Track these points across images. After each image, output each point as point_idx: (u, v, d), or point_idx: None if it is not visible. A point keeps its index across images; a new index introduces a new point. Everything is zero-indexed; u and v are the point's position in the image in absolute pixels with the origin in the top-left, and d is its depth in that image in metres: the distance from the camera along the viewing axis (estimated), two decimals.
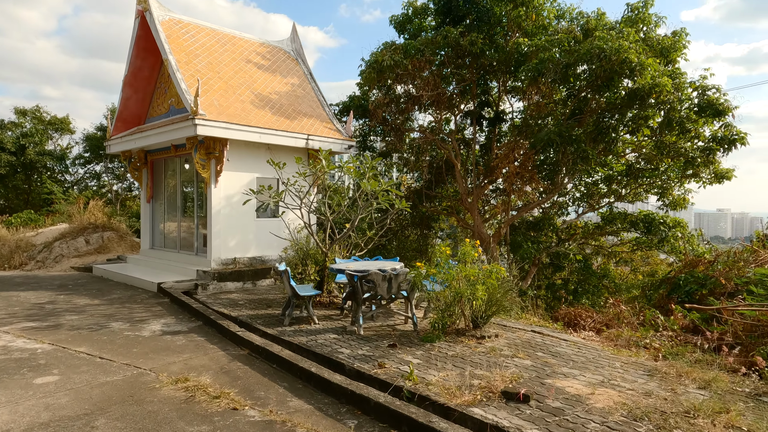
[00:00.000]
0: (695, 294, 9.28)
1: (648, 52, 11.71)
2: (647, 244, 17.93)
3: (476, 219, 16.56)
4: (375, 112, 16.33)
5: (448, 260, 6.41)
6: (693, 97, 12.46)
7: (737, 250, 10.15)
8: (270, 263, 11.98)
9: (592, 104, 14.21)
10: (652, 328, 7.69)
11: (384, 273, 6.82)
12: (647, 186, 16.76)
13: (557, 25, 15.06)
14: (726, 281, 8.59)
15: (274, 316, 7.99)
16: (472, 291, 5.99)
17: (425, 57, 14.90)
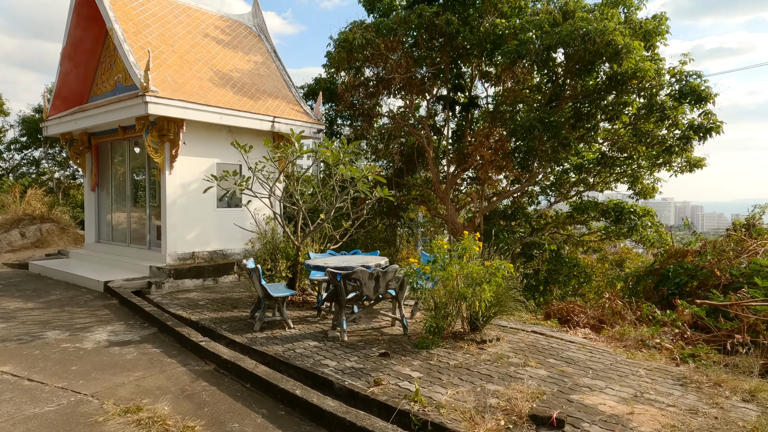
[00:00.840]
0: (685, 286, 8.93)
1: (631, 36, 11.28)
2: (616, 233, 17.84)
3: (449, 208, 15.94)
4: (343, 96, 15.38)
5: (444, 255, 5.66)
6: (673, 83, 12.17)
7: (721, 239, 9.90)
8: (233, 257, 10.92)
9: (569, 90, 13.78)
10: (654, 325, 7.24)
11: (371, 271, 6.00)
12: (618, 175, 16.59)
13: (534, 7, 14.50)
14: (720, 273, 8.25)
15: (242, 320, 7.04)
16: (476, 291, 5.27)
17: (397, 37, 14.04)
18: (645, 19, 11.85)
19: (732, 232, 9.81)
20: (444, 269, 5.45)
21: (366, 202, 8.26)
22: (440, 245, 5.70)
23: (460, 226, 16.00)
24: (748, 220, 10.92)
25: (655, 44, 12.16)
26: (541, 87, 15.33)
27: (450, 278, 5.44)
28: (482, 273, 5.29)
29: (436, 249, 5.67)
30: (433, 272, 5.56)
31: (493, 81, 16.01)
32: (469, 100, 16.57)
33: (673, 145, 12.88)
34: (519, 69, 14.54)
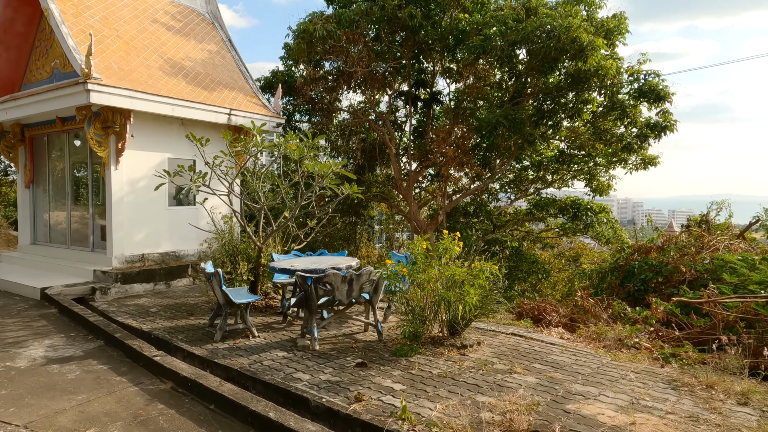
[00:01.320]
0: (651, 282, 9.02)
1: (594, 34, 11.33)
2: (573, 229, 18.14)
3: (412, 206, 15.68)
4: (302, 89, 14.80)
5: (425, 256, 5.31)
6: (632, 82, 12.35)
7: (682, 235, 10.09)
8: (187, 259, 10.20)
9: (531, 88, 13.78)
10: (626, 322, 7.19)
11: (344, 273, 5.58)
12: (575, 172, 16.85)
13: (496, 3, 14.41)
14: (685, 269, 8.34)
15: (200, 328, 6.45)
16: (461, 294, 4.96)
17: (359, 29, 13.61)
18: (606, 17, 11.97)
19: (693, 229, 10.02)
20: (424, 271, 5.11)
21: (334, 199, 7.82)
22: (419, 245, 5.35)
23: (423, 224, 15.79)
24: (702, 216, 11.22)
25: (615, 43, 12.31)
26: (502, 84, 15.31)
27: (430, 281, 5.10)
28: (465, 275, 4.99)
29: (416, 249, 5.32)
30: (412, 274, 5.21)
31: (455, 77, 15.85)
32: (430, 96, 16.36)
33: (632, 143, 13.11)
34: (481, 65, 14.45)
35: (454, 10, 13.96)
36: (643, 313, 7.32)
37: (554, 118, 13.45)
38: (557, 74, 13.15)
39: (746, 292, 6.68)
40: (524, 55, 12.62)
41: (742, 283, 7.04)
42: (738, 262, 7.62)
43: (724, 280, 7.40)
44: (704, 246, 9.24)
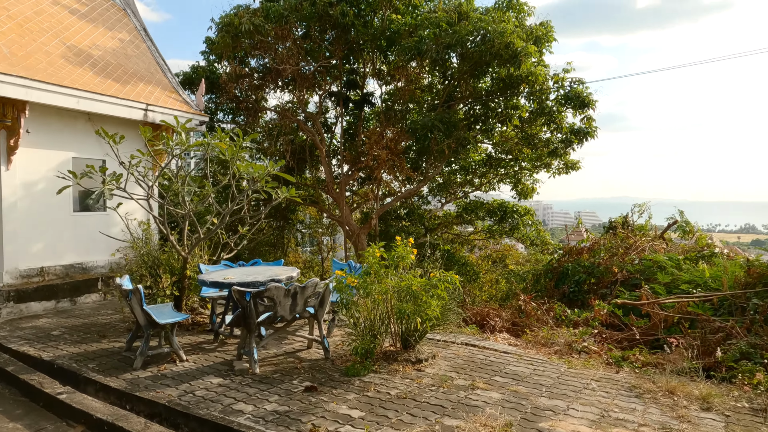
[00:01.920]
0: (584, 283, 9.23)
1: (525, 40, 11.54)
2: (500, 231, 18.59)
3: (344, 209, 15.22)
4: (226, 86, 13.87)
5: (378, 266, 4.89)
6: (558, 89, 12.75)
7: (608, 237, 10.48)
8: (96, 272, 9.05)
9: (461, 92, 13.85)
10: (568, 325, 7.23)
11: (288, 287, 5.03)
12: (502, 176, 17.27)
13: (428, 6, 14.36)
14: (617, 270, 8.60)
15: (116, 353, 5.60)
16: (421, 306, 4.59)
17: (288, 25, 12.96)
18: (535, 25, 12.26)
19: (620, 231, 10.43)
20: (379, 282, 4.70)
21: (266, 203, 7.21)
22: (373, 254, 4.92)
23: (356, 228, 15.39)
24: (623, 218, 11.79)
25: (542, 51, 12.65)
26: (433, 87, 15.31)
27: (386, 292, 4.70)
28: (424, 285, 4.64)
29: (370, 258, 4.89)
30: (365, 285, 4.77)
31: (386, 79, 15.62)
32: (362, 97, 16.01)
33: (558, 148, 13.56)
34: (412, 68, 14.33)
35: (385, 10, 13.71)
36: (583, 315, 7.40)
37: (487, 122, 13.60)
38: (488, 79, 13.31)
39: (679, 291, 6.94)
40: (457, 58, 12.62)
41: (673, 282, 7.33)
42: (667, 262, 7.96)
43: (656, 279, 7.67)
44: (631, 247, 9.64)
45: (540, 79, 11.80)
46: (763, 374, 4.32)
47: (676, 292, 6.97)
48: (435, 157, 14.49)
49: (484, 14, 12.24)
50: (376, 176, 15.54)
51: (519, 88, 12.40)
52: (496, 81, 12.74)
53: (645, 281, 7.90)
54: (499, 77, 12.49)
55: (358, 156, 15.47)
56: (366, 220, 16.33)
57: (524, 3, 12.54)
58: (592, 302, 7.41)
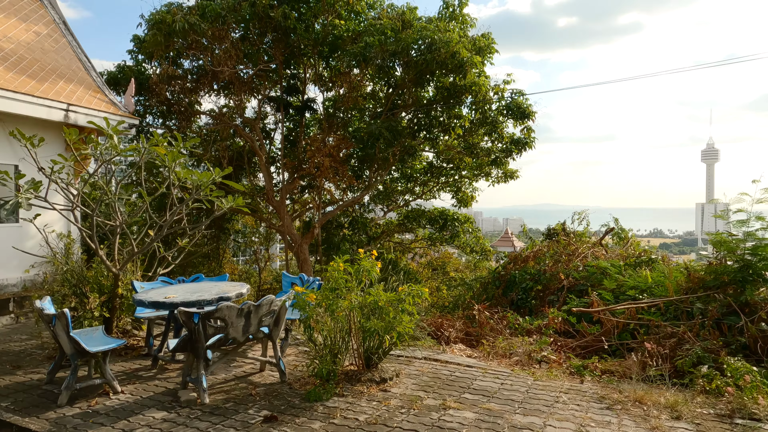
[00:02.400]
0: (531, 291, 9.36)
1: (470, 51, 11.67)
2: (440, 239, 18.77)
3: (285, 218, 14.68)
4: (157, 88, 12.98)
5: (343, 279, 4.56)
6: (499, 100, 13.02)
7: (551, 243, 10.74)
8: (7, 291, 8.01)
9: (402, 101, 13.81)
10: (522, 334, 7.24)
11: (241, 306, 4.59)
12: (442, 184, 17.46)
13: (370, 13, 14.24)
14: (564, 276, 8.78)
15: (34, 386, 4.88)
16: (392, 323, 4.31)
17: (226, 25, 12.36)
18: (477, 36, 12.46)
19: (562, 238, 10.72)
20: (344, 298, 4.38)
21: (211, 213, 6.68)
22: (337, 268, 4.59)
23: (298, 237, 14.89)
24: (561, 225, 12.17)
25: (484, 61, 12.86)
26: (376, 94, 15.19)
27: (352, 309, 4.39)
28: (392, 300, 4.37)
29: (334, 273, 4.56)
30: (328, 303, 4.43)
31: (327, 85, 15.30)
32: (303, 103, 15.56)
33: (499, 157, 13.84)
34: (354, 75, 14.14)
35: (328, 15, 13.42)
36: (535, 323, 7.46)
37: (431, 131, 13.64)
38: (432, 88, 13.36)
39: (626, 297, 7.14)
40: (402, 66, 12.55)
41: (619, 288, 7.55)
42: (611, 268, 8.20)
43: (601, 285, 7.88)
44: (573, 253, 9.91)
45: (483, 90, 11.99)
46: (720, 379, 4.44)
47: (623, 298, 7.17)
48: (379, 165, 14.35)
49: (428, 23, 12.27)
50: (319, 184, 15.17)
51: (463, 98, 12.53)
52: (440, 90, 12.80)
53: (591, 287, 8.10)
54: (444, 86, 12.56)
55: (300, 163, 15.01)
56: (308, 229, 15.86)
57: (467, 14, 12.73)
58: (545, 310, 7.48)
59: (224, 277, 6.86)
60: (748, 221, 6.56)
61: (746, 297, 5.89)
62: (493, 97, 13.20)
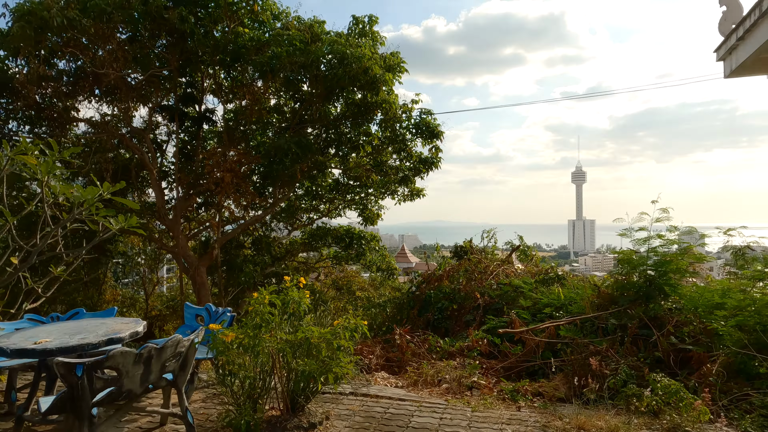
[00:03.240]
0: (447, 310, 9.26)
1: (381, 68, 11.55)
2: (346, 258, 18.46)
3: (180, 239, 13.36)
4: (25, 90, 11.25)
5: (269, 314, 3.92)
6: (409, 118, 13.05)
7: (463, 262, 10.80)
8: None
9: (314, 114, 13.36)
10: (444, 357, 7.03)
11: (140, 351, 3.78)
12: (349, 202, 17.20)
13: (275, 24, 13.64)
14: (480, 296, 8.78)
15: None
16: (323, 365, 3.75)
17: (113, 23, 11.07)
18: (388, 54, 12.40)
19: (473, 255, 10.82)
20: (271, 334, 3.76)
21: (94, 235, 5.64)
22: (262, 301, 3.95)
23: (194, 259, 13.62)
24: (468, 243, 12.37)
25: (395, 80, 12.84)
26: (281, 108, 14.55)
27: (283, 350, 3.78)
28: (326, 336, 3.84)
29: (259, 307, 3.91)
30: (252, 343, 3.78)
31: (227, 96, 14.35)
32: (201, 114, 14.44)
33: (408, 176, 13.85)
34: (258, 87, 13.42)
35: (230, 22, 12.59)
36: (457, 345, 7.30)
37: (340, 148, 13.28)
38: (342, 103, 13.04)
39: (543, 315, 7.25)
40: (311, 80, 12.09)
41: (535, 306, 7.67)
42: (524, 286, 8.35)
43: (516, 304, 7.97)
44: (485, 272, 10.02)
45: (394, 107, 11.93)
46: (650, 398, 4.50)
47: (540, 315, 7.27)
48: (285, 182, 13.65)
49: (338, 38, 11.98)
50: (218, 201, 14.07)
51: (373, 115, 12.37)
52: (350, 106, 12.52)
53: (506, 306, 8.16)
54: (354, 102, 12.30)
55: (197, 178, 13.84)
56: (205, 250, 14.59)
57: (377, 32, 12.64)
58: (468, 331, 7.33)
59: (111, 311, 5.82)
60: (649, 239, 6.99)
61: (654, 311, 6.21)
62: (402, 115, 13.22)
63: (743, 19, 4.90)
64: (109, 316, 5.57)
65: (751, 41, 4.91)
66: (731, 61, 5.40)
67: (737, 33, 5.07)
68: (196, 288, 13.44)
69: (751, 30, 4.81)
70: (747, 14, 4.80)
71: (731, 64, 5.41)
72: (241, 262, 13.94)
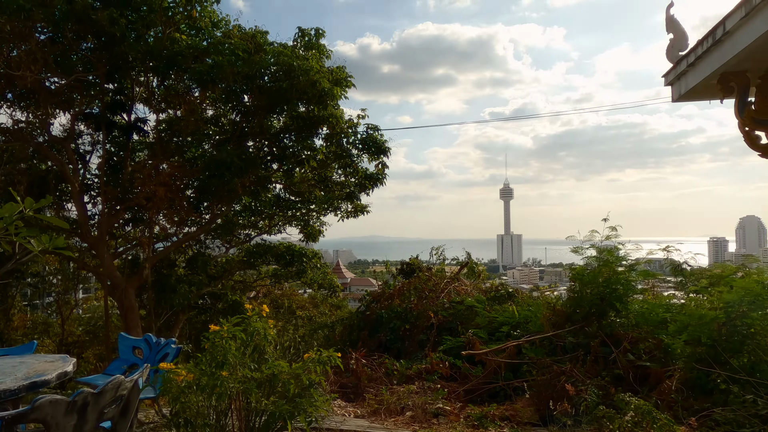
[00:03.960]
0: (399, 330, 9.00)
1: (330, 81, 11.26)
2: (286, 275, 17.87)
3: (106, 258, 12.25)
4: None
5: (231, 348, 3.46)
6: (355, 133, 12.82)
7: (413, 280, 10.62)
8: None
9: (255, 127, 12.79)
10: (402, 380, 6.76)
11: (73, 398, 3.19)
12: (290, 218, 16.68)
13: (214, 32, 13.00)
14: (433, 315, 8.61)
15: None
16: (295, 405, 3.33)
17: (32, 21, 10.07)
18: (334, 67, 12.13)
19: (423, 273, 10.67)
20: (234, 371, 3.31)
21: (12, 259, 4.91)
22: (222, 335, 3.48)
23: (121, 280, 12.50)
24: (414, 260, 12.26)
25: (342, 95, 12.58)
26: (219, 120, 13.86)
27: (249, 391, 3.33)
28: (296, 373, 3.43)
29: (221, 342, 3.43)
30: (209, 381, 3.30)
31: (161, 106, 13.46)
32: (130, 123, 13.41)
33: (354, 191, 13.58)
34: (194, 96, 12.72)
35: (165, 27, 11.83)
36: (414, 367, 7.06)
37: (283, 162, 12.79)
38: (285, 117, 12.59)
39: (501, 333, 7.17)
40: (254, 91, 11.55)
41: (491, 324, 7.59)
42: (477, 305, 8.27)
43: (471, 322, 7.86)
44: (436, 290, 9.89)
45: (342, 122, 11.66)
46: (618, 419, 4.46)
47: (498, 334, 7.20)
48: (224, 197, 12.91)
49: (283, 49, 11.57)
50: (150, 217, 13.07)
51: (319, 129, 12.03)
52: (295, 119, 12.09)
53: (461, 325, 8.05)
54: (299, 116, 11.89)
55: (125, 192, 12.79)
56: (134, 270, 13.44)
57: (323, 44, 12.36)
58: (428, 353, 7.10)
59: (30, 346, 5.05)
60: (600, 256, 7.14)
61: (610, 328, 6.29)
62: (349, 130, 12.97)
63: (695, 46, 5.10)
64: (28, 353, 4.83)
65: (701, 68, 5.11)
66: (680, 86, 5.62)
67: (688, 59, 5.27)
68: (123, 312, 12.31)
69: (702, 57, 5.01)
70: (700, 41, 5.00)
71: (680, 89, 5.63)
72: (174, 282, 12.96)
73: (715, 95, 5.52)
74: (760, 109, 5.23)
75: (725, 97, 5.48)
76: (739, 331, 5.36)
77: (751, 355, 5.23)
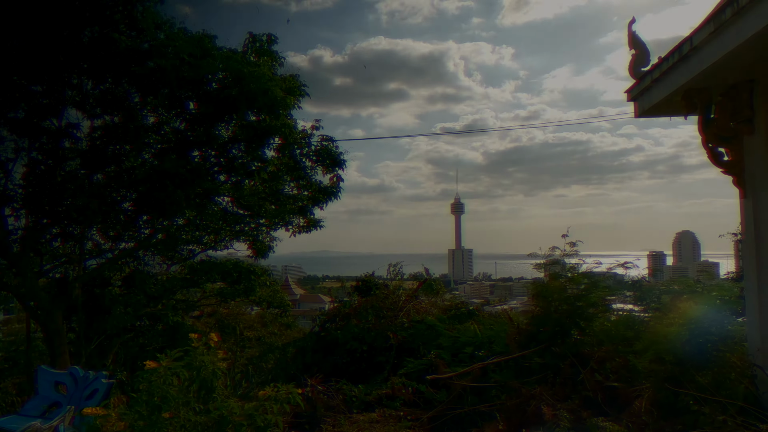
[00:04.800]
0: (356, 352, 8.55)
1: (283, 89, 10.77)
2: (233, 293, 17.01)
3: (29, 277, 11.03)
4: None
5: (172, 386, 2.90)
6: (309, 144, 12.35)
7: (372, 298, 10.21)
8: None
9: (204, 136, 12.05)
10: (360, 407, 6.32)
11: None
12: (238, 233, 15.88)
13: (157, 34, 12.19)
14: (393, 335, 8.22)
15: None
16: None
17: None
18: (287, 75, 11.65)
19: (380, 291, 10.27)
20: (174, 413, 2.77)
21: None
22: (163, 373, 2.92)
23: (46, 302, 11.31)
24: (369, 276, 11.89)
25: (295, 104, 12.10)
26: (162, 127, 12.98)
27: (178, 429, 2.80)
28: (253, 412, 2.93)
29: (158, 380, 2.87)
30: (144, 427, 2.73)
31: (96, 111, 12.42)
32: (61, 129, 12.26)
33: (306, 205, 13.06)
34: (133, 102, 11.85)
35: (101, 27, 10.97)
36: (374, 392, 6.63)
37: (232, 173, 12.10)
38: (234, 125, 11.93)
39: (465, 354, 6.88)
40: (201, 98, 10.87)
41: (453, 344, 7.29)
42: (439, 324, 7.98)
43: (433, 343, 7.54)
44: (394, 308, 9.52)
45: (295, 132, 11.18)
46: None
47: (462, 355, 6.90)
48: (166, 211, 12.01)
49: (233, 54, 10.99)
50: (81, 231, 11.98)
51: (270, 139, 11.46)
52: (244, 128, 11.47)
53: (422, 345, 7.71)
54: (249, 125, 11.29)
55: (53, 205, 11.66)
56: (61, 290, 12.20)
57: (275, 51, 11.85)
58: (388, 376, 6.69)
59: None
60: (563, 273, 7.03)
61: (576, 348, 6.13)
62: (302, 141, 12.48)
63: (660, 62, 5.08)
64: None
65: (666, 83, 5.09)
66: (643, 101, 5.60)
67: (652, 74, 5.25)
68: (47, 336, 11.10)
69: (668, 72, 4.99)
70: (665, 57, 4.97)
71: (643, 105, 5.61)
72: (108, 303, 11.87)
73: (679, 111, 5.51)
74: (722, 126, 5.25)
75: (689, 114, 5.48)
76: (702, 349, 5.31)
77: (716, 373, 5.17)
